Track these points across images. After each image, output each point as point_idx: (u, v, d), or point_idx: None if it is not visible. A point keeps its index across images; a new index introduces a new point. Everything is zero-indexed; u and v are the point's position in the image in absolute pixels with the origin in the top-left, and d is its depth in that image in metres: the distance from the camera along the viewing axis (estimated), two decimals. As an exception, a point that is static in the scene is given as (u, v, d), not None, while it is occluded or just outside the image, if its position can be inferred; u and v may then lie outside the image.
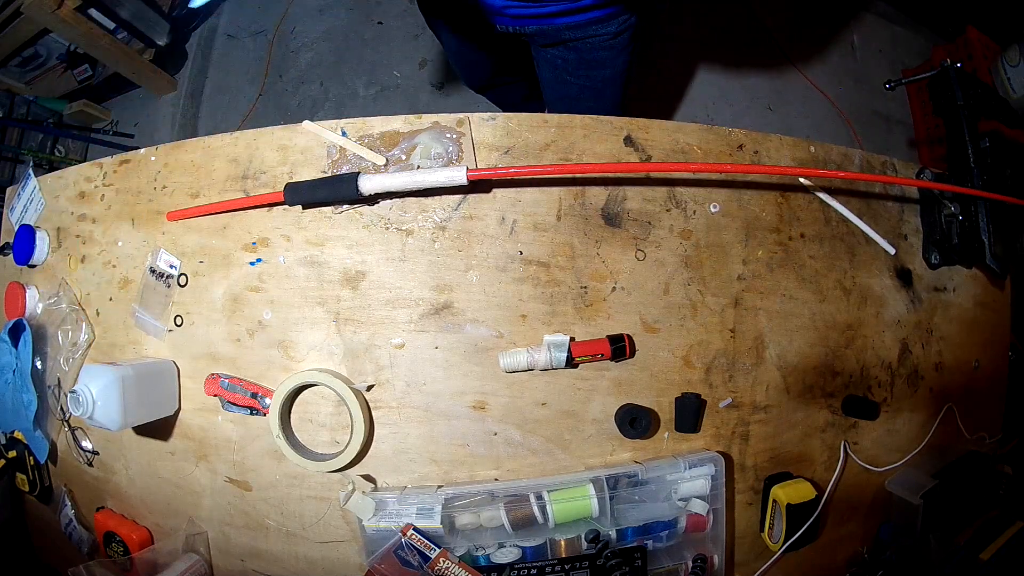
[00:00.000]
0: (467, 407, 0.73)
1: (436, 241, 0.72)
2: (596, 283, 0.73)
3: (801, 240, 0.81)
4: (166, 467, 0.80)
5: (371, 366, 0.72)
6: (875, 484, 0.89)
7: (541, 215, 0.73)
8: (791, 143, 0.82)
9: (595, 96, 1.11)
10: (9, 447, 0.89)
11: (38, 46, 2.13)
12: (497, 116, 0.73)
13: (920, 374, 0.91)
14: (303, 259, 0.73)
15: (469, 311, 0.72)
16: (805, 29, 2.33)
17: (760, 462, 0.81)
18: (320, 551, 0.76)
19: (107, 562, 0.79)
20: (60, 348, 0.81)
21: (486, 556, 0.71)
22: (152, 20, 2.09)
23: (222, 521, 0.79)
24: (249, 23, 2.32)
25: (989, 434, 0.99)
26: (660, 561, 0.75)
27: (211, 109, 2.27)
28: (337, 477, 0.73)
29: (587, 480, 0.70)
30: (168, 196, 0.78)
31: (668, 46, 2.18)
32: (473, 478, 0.74)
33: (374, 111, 2.08)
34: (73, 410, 0.67)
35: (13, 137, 2.17)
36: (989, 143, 0.85)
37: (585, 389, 0.74)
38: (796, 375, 0.81)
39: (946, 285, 0.94)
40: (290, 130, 0.73)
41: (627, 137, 0.75)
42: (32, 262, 0.86)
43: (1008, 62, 2.01)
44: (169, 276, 0.77)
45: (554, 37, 0.98)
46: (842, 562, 0.90)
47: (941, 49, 2.24)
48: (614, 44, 0.98)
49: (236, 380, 0.74)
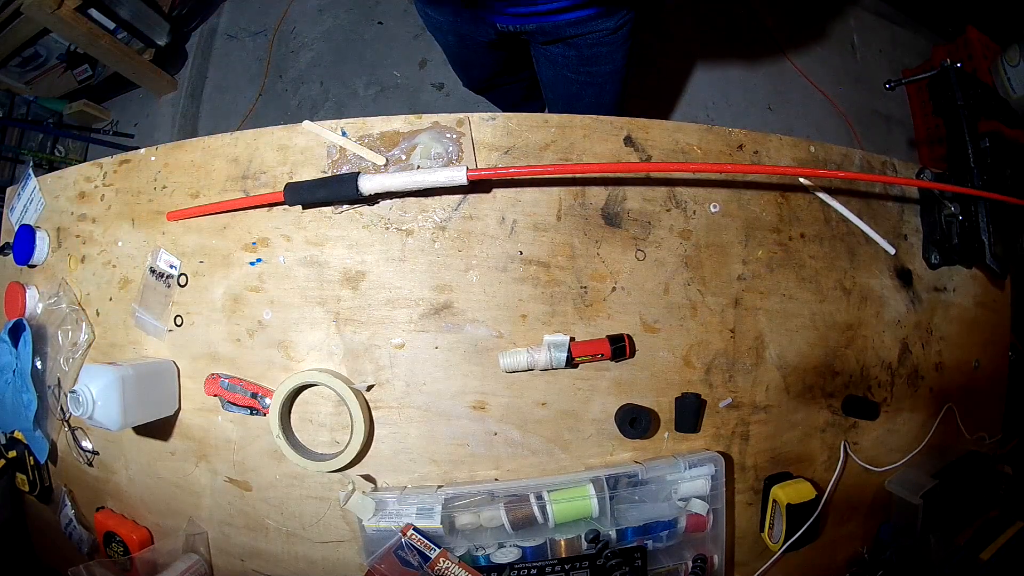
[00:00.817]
0: (467, 407, 0.73)
1: (436, 241, 0.72)
2: (596, 283, 0.73)
3: (801, 240, 0.81)
4: (166, 467, 0.80)
5: (371, 366, 0.72)
6: (875, 484, 0.89)
7: (541, 215, 0.73)
8: (791, 143, 0.82)
9: (596, 92, 1.11)
10: (9, 447, 0.89)
11: (38, 46, 2.13)
12: (497, 116, 0.73)
13: (920, 374, 0.91)
14: (303, 259, 0.73)
15: (469, 311, 0.72)
16: (805, 29, 2.33)
17: (760, 462, 0.81)
18: (320, 551, 0.76)
19: (107, 562, 0.79)
20: (60, 348, 0.81)
21: (486, 556, 0.71)
22: (152, 20, 2.09)
23: (222, 521, 0.79)
24: (249, 23, 2.32)
25: (989, 434, 0.99)
26: (660, 561, 0.75)
27: (211, 109, 2.27)
28: (337, 477, 0.73)
29: (587, 480, 0.70)
30: (168, 196, 0.78)
31: (668, 46, 2.18)
32: (473, 478, 0.74)
33: (374, 111, 2.08)
34: (73, 410, 0.67)
35: (13, 137, 2.17)
36: (989, 143, 0.85)
37: (585, 389, 0.74)
38: (796, 375, 0.81)
39: (946, 285, 0.94)
40: (290, 130, 0.73)
41: (627, 137, 0.75)
42: (32, 262, 0.86)
43: (1008, 62, 2.01)
44: (169, 276, 0.77)
45: (554, 34, 0.98)
46: (842, 562, 0.90)
47: (941, 49, 2.24)
48: (613, 39, 0.98)
49: (236, 380, 0.74)
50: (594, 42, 0.98)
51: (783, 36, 2.28)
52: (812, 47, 2.30)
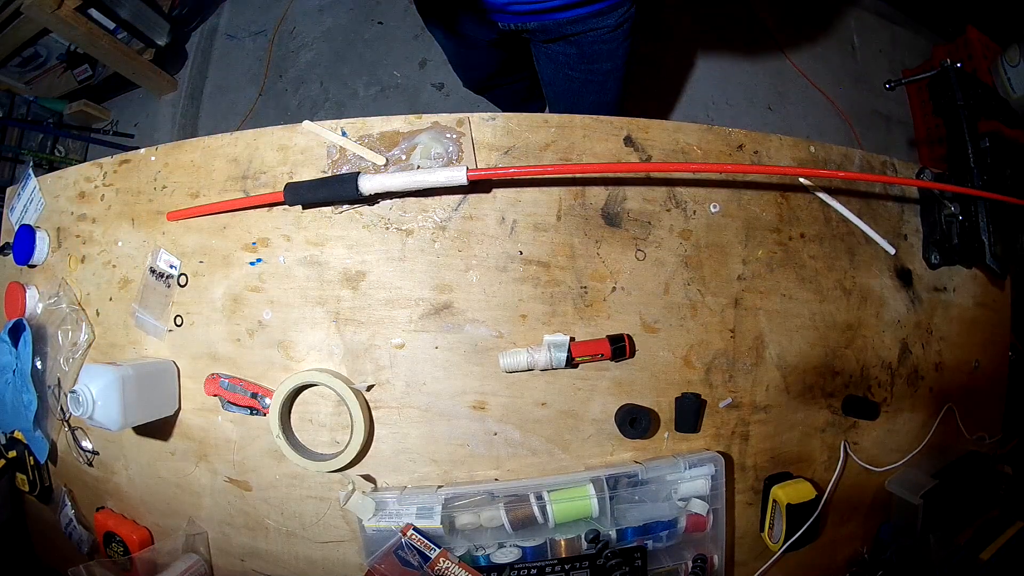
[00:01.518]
0: (467, 407, 0.73)
1: (436, 241, 0.72)
2: (596, 283, 0.73)
3: (801, 240, 0.81)
4: (166, 467, 0.80)
5: (371, 366, 0.72)
6: (875, 484, 0.89)
7: (541, 215, 0.73)
8: (791, 143, 0.82)
9: (598, 91, 1.12)
10: (9, 447, 0.89)
11: (38, 46, 2.13)
12: (497, 116, 0.73)
13: (920, 374, 0.91)
14: (303, 259, 0.73)
15: (469, 311, 0.72)
16: (805, 29, 2.33)
17: (760, 462, 0.81)
18: (320, 551, 0.76)
19: (107, 562, 0.79)
20: (60, 348, 0.81)
21: (486, 556, 0.71)
22: (152, 20, 2.09)
23: (222, 521, 0.79)
24: (249, 23, 2.32)
25: (989, 434, 0.99)
26: (660, 561, 0.75)
27: (211, 109, 2.27)
28: (337, 477, 0.73)
29: (587, 480, 0.70)
30: (168, 196, 0.78)
31: (668, 46, 2.18)
32: (473, 478, 0.74)
33: (374, 111, 2.08)
34: (73, 410, 0.67)
35: (13, 137, 2.17)
36: (989, 143, 0.85)
37: (585, 389, 0.74)
38: (796, 375, 0.81)
39: (946, 285, 0.94)
40: (290, 130, 0.73)
41: (627, 137, 0.75)
42: (32, 262, 0.86)
43: (1008, 62, 2.01)
44: (169, 276, 0.77)
45: (555, 32, 0.99)
46: (842, 562, 0.90)
47: (941, 49, 2.24)
48: (614, 36, 0.99)
49: (236, 380, 0.74)
50: (595, 40, 0.99)
51: (783, 36, 2.28)
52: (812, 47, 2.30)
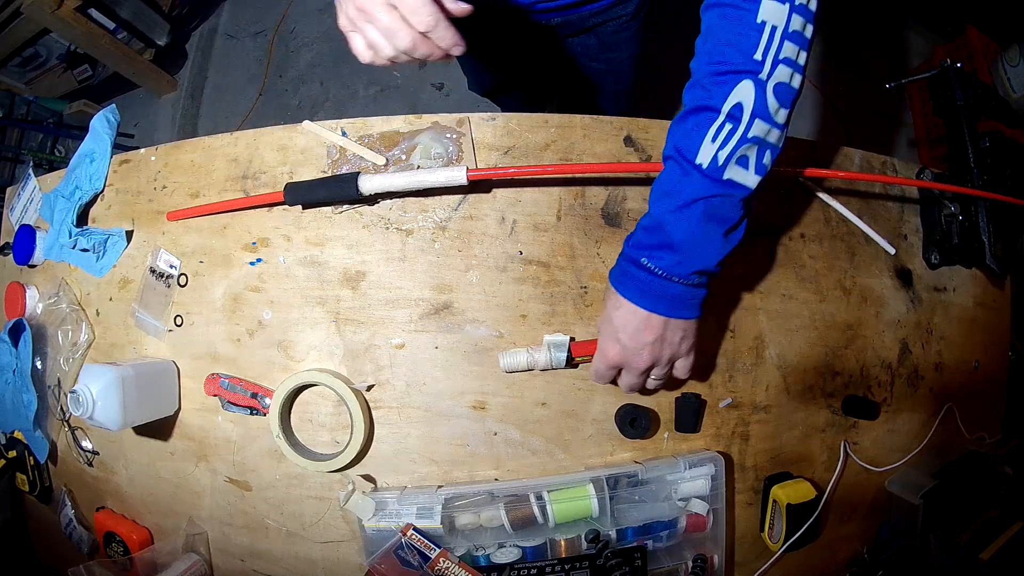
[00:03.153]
0: (467, 407, 0.73)
1: (436, 241, 0.72)
2: (596, 283, 0.73)
3: (801, 240, 0.81)
4: (166, 467, 0.80)
5: (371, 366, 0.72)
6: (875, 484, 0.89)
7: (541, 215, 0.73)
8: (791, 143, 0.82)
9: (615, 80, 1.18)
10: (9, 447, 0.89)
11: (38, 46, 2.13)
12: (497, 116, 0.73)
13: (920, 374, 0.90)
14: (303, 259, 0.73)
15: (469, 311, 0.72)
16: (805, 29, 2.32)
17: (760, 462, 0.81)
18: (320, 551, 0.76)
19: (107, 562, 0.79)
20: (60, 348, 0.81)
21: (486, 556, 0.71)
22: (152, 20, 2.09)
23: (222, 521, 0.79)
24: (249, 23, 2.33)
25: (989, 434, 0.99)
26: (660, 561, 0.75)
27: (211, 109, 2.27)
28: (337, 477, 0.73)
29: (587, 480, 0.70)
30: (168, 196, 0.78)
31: (668, 46, 2.17)
32: (473, 478, 0.74)
33: (374, 111, 2.07)
34: (73, 410, 0.67)
35: (13, 137, 2.17)
36: (989, 143, 0.85)
37: (585, 389, 0.74)
38: (796, 375, 0.81)
39: (946, 285, 0.94)
40: (290, 130, 0.73)
41: (627, 137, 0.75)
42: (32, 262, 0.86)
43: (1008, 62, 2.01)
44: (169, 276, 0.77)
45: (578, 25, 1.02)
46: (842, 562, 0.89)
47: (941, 49, 2.23)
48: (631, 24, 1.04)
49: (236, 380, 0.74)
50: (616, 28, 1.03)
51: (783, 36, 2.27)
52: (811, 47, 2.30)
